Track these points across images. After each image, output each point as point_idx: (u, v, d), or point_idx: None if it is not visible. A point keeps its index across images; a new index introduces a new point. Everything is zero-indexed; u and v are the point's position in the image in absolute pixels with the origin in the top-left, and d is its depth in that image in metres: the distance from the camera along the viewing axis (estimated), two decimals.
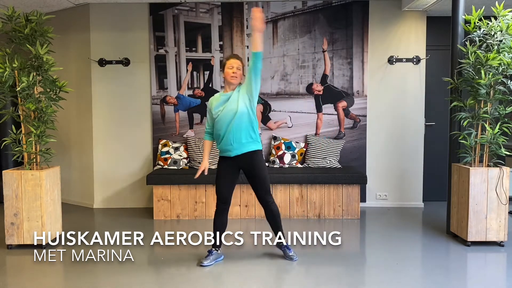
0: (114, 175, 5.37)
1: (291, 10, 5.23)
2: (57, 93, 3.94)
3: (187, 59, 5.30)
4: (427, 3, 4.81)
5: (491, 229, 3.80)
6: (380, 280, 3.19)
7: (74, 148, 5.53)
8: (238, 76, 3.32)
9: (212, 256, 3.45)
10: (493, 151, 3.85)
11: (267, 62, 5.26)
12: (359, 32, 5.21)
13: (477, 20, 3.88)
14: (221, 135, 3.32)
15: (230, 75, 3.30)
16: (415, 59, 5.21)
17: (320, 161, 5.07)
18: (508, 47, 3.73)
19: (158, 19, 5.27)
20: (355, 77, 5.25)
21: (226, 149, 3.34)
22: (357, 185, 4.72)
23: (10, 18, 3.77)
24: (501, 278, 3.35)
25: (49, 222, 3.83)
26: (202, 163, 3.48)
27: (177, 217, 4.78)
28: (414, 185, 5.29)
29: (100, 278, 3.21)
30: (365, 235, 4.38)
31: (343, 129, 5.28)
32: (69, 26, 5.34)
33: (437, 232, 4.28)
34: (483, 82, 3.70)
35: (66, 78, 4.23)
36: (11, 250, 3.78)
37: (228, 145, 3.30)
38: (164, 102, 5.32)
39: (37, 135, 3.77)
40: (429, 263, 3.54)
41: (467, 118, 3.89)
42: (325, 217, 4.76)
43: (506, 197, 3.78)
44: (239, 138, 3.28)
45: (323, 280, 3.18)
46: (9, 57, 3.71)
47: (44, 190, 3.76)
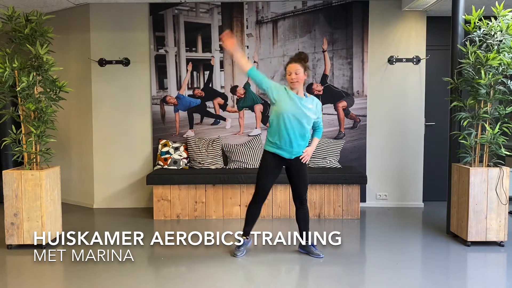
0: (114, 175, 5.37)
1: (291, 10, 5.23)
2: (57, 93, 3.94)
3: (187, 59, 5.30)
4: (427, 3, 4.81)
5: (491, 229, 3.80)
6: (380, 280, 3.19)
7: (74, 148, 5.53)
8: (300, 80, 3.32)
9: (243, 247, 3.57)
10: (493, 151, 3.85)
11: (267, 62, 5.26)
12: (359, 32, 5.21)
13: (477, 20, 3.88)
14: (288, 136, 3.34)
15: (290, 81, 3.34)
16: (415, 59, 5.21)
17: (320, 161, 5.07)
18: (508, 47, 3.73)
19: (158, 19, 5.27)
20: (355, 77, 5.25)
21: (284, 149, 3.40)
22: (357, 185, 4.72)
23: (10, 18, 3.77)
24: (501, 278, 3.35)
25: (49, 222, 3.83)
26: (236, 51, 3.28)
27: (177, 217, 4.78)
28: (414, 185, 5.29)
29: (100, 278, 3.21)
30: (365, 235, 4.38)
31: (343, 129, 5.28)
32: (69, 26, 5.34)
33: (437, 232, 4.28)
34: (483, 82, 3.70)
35: (66, 78, 4.23)
36: (11, 250, 3.78)
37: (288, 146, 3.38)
38: (164, 102, 5.32)
39: (37, 135, 3.77)
40: (429, 263, 3.54)
41: (467, 118, 3.89)
42: (325, 217, 4.76)
43: (506, 197, 3.78)
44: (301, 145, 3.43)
45: (323, 280, 3.19)
46: (9, 57, 3.70)
47: (44, 190, 3.75)
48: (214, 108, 5.33)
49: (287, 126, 3.30)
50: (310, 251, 3.57)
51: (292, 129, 3.31)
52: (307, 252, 3.59)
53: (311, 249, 3.57)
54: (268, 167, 3.47)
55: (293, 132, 3.32)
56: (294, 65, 3.32)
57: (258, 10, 5.24)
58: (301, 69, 3.31)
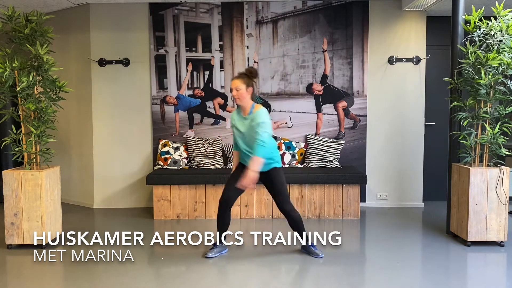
0: (114, 175, 5.36)
1: (291, 10, 5.23)
2: (57, 93, 3.94)
3: (187, 59, 5.30)
4: (427, 3, 4.81)
5: (491, 229, 3.80)
6: (380, 280, 3.19)
7: (74, 148, 5.53)
8: (241, 97, 3.36)
9: (217, 249, 3.56)
10: (493, 151, 3.85)
11: (267, 62, 5.27)
12: (359, 32, 5.21)
13: (477, 20, 3.88)
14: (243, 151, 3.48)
15: (233, 97, 3.43)
16: (415, 59, 5.21)
17: (320, 161, 5.07)
18: (508, 47, 3.73)
19: (158, 19, 5.27)
20: (355, 77, 5.25)
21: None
22: (357, 185, 4.72)
23: (10, 18, 3.77)
24: (501, 278, 3.35)
25: (49, 222, 3.83)
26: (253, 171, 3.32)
27: (177, 217, 4.78)
28: (414, 185, 5.29)
29: (100, 278, 3.21)
30: (365, 235, 4.38)
31: (343, 129, 5.28)
32: (69, 26, 5.34)
33: (437, 232, 4.27)
34: (483, 82, 3.70)
35: (66, 78, 4.23)
36: (11, 250, 3.78)
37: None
38: (164, 102, 5.32)
39: (37, 135, 3.77)
40: (429, 263, 3.54)
41: (467, 118, 3.89)
42: (325, 217, 4.76)
43: (506, 197, 3.78)
44: None
45: (323, 280, 3.19)
46: (9, 57, 3.70)
47: (44, 190, 3.75)
48: (214, 108, 5.33)
49: (238, 144, 3.49)
50: (310, 251, 3.58)
51: (243, 146, 3.45)
52: (307, 252, 3.60)
53: (310, 249, 3.58)
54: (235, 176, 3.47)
55: (245, 147, 3.44)
56: (234, 82, 3.37)
57: (258, 10, 5.24)
58: (243, 85, 3.34)
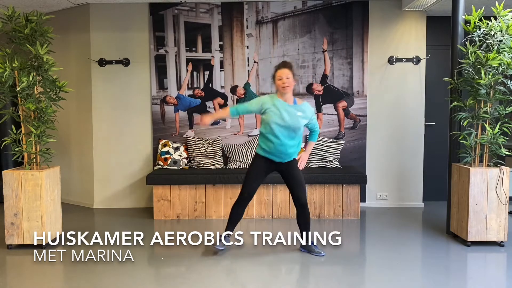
0: (114, 175, 5.37)
1: (291, 10, 5.23)
2: (57, 93, 3.94)
3: (187, 59, 5.30)
4: (427, 3, 4.81)
5: (491, 229, 3.80)
6: (380, 280, 3.19)
7: (74, 148, 5.53)
8: (290, 85, 3.40)
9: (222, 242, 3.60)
10: (493, 151, 3.85)
11: (267, 62, 5.27)
12: (359, 32, 5.21)
13: (477, 20, 3.88)
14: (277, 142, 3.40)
15: (282, 85, 3.40)
16: (415, 59, 5.21)
17: (320, 161, 5.07)
18: (508, 47, 3.73)
19: (158, 19, 5.27)
20: (355, 77, 5.25)
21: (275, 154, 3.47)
22: (357, 185, 4.72)
23: (10, 18, 3.77)
24: (501, 278, 3.35)
25: (49, 222, 3.83)
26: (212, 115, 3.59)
27: (177, 217, 4.78)
28: (414, 185, 5.29)
29: (100, 278, 3.21)
30: (365, 235, 4.38)
31: (343, 129, 5.28)
32: (69, 26, 5.34)
33: (437, 232, 4.28)
34: (483, 82, 3.70)
35: (66, 78, 4.23)
36: (11, 250, 3.78)
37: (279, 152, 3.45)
38: (164, 102, 5.32)
39: (37, 135, 3.77)
40: (429, 263, 3.54)
41: (467, 118, 3.89)
42: (325, 217, 4.76)
43: (506, 197, 3.78)
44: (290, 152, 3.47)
45: (323, 280, 3.19)
46: (9, 57, 3.70)
47: (44, 190, 3.76)
48: (214, 108, 5.33)
49: (275, 134, 3.38)
50: (311, 249, 3.59)
51: (281, 136, 3.38)
52: (308, 251, 3.60)
53: (311, 247, 3.59)
54: (257, 170, 3.53)
55: (282, 138, 3.38)
56: (285, 70, 3.41)
57: (258, 10, 5.24)
58: (291, 74, 3.41)
